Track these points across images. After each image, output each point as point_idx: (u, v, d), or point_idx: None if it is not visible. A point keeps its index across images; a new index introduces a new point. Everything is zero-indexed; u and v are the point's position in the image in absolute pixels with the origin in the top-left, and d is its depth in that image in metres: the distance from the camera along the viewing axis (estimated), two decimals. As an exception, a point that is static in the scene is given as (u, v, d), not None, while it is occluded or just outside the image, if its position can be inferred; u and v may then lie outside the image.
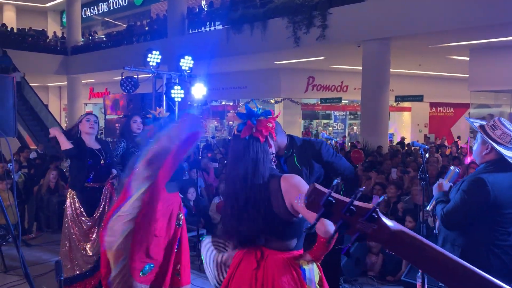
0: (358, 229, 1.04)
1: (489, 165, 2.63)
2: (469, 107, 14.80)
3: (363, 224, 1.03)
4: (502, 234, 2.58)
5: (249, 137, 2.06)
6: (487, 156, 2.64)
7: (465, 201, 2.56)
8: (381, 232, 1.03)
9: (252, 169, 2.03)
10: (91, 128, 4.34)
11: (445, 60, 14.03)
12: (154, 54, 5.94)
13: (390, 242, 1.03)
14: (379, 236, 1.03)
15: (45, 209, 6.94)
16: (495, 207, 2.54)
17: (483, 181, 2.53)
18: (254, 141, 2.06)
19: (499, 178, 2.55)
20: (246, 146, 2.06)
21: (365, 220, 1.03)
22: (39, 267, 5.01)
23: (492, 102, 14.91)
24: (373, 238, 1.04)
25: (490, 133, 2.60)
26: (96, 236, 4.26)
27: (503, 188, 2.54)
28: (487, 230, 2.58)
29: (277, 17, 11.94)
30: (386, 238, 1.02)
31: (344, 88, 17.58)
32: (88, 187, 4.25)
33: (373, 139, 10.82)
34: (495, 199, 2.52)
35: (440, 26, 9.44)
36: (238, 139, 2.09)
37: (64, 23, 23.58)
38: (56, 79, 22.29)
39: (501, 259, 2.56)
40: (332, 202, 1.06)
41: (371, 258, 5.09)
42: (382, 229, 1.02)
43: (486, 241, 2.57)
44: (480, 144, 2.69)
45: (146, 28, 18.14)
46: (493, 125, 2.61)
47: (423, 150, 3.47)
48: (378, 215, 1.03)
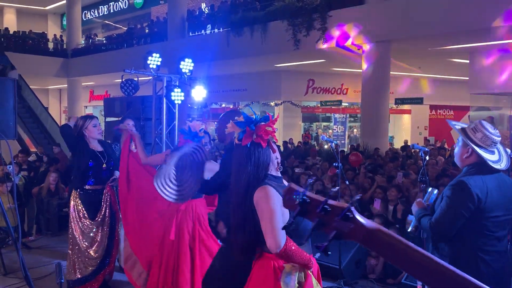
0: (334, 228, 1.06)
1: (470, 168, 2.58)
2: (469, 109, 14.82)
3: (339, 223, 1.05)
4: (490, 239, 2.52)
5: (251, 144, 2.06)
6: (468, 160, 2.61)
7: (451, 205, 2.51)
8: (357, 231, 1.04)
9: (255, 176, 2.04)
10: (99, 134, 4.37)
11: (445, 63, 14.05)
12: (154, 56, 5.94)
13: (367, 240, 1.05)
14: (356, 235, 1.05)
15: (45, 211, 6.93)
16: (480, 211, 2.49)
17: (465, 183, 2.49)
18: (256, 148, 2.06)
19: (479, 181, 2.51)
20: (248, 153, 2.06)
21: (340, 219, 1.05)
22: (39, 270, 5.01)
23: (492, 104, 14.93)
24: (350, 237, 1.05)
25: (471, 136, 2.57)
26: (100, 239, 4.26)
27: (486, 191, 2.49)
28: (475, 237, 2.52)
29: (277, 20, 11.97)
30: (362, 237, 1.04)
31: (344, 90, 17.59)
32: (90, 190, 4.23)
33: (373, 142, 10.83)
34: (480, 202, 2.47)
35: (440, 29, 9.46)
36: (240, 147, 2.09)
37: (65, 26, 23.61)
38: (56, 82, 22.31)
39: (491, 266, 2.50)
40: (307, 201, 1.09)
41: (371, 261, 5.08)
42: (358, 228, 1.04)
43: (474, 248, 2.51)
44: (461, 147, 2.65)
45: (146, 31, 18.16)
46: (474, 128, 2.58)
47: (423, 153, 3.47)
48: (353, 214, 1.05)
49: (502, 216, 2.56)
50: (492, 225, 2.53)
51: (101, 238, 4.25)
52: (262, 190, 2.01)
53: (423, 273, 1.00)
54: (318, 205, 1.08)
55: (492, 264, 2.51)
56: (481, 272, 2.49)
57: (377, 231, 1.04)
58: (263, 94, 17.36)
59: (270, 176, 2.10)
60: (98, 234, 4.25)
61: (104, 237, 4.27)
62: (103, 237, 4.26)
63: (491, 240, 2.53)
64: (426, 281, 1.03)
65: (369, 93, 11.12)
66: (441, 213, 2.54)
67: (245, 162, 2.07)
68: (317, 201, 1.08)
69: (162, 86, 6.14)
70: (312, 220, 1.09)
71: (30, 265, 5.16)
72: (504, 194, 2.57)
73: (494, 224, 2.53)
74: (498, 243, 2.55)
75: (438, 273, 0.98)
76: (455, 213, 2.49)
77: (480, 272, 2.49)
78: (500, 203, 2.54)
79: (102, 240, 4.25)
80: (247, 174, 2.06)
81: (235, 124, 2.12)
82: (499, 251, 2.56)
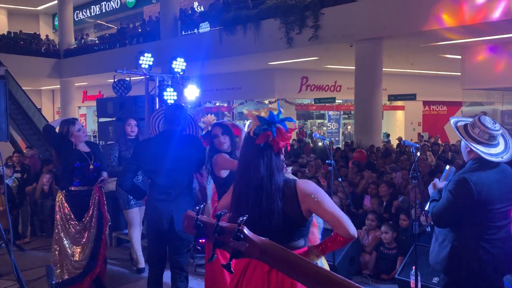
0: (232, 248, 1.10)
1: (475, 162, 2.69)
2: (462, 105, 14.90)
3: (234, 243, 1.09)
4: (491, 228, 2.63)
5: (264, 144, 2.00)
6: (470, 155, 2.73)
7: (451, 200, 2.63)
8: (252, 249, 1.08)
9: (268, 178, 1.99)
10: (85, 136, 4.33)
11: (438, 59, 14.11)
12: (146, 56, 5.93)
13: (263, 257, 1.08)
14: (252, 252, 1.08)
15: (39, 213, 6.91)
16: (481, 204, 2.59)
17: (466, 180, 2.59)
18: (268, 149, 2.01)
19: (483, 176, 2.61)
20: (260, 153, 2.01)
21: (234, 239, 1.09)
22: (33, 272, 4.98)
23: (484, 99, 15.01)
24: (248, 255, 1.09)
25: (471, 132, 2.68)
26: (87, 240, 4.21)
27: (488, 185, 2.60)
28: (476, 226, 2.64)
29: (269, 18, 11.97)
30: (258, 254, 1.08)
31: (337, 88, 17.64)
32: (75, 191, 4.17)
33: (366, 138, 10.87)
34: (480, 197, 2.57)
35: (431, 25, 9.50)
36: (253, 143, 2.02)
37: (56, 26, 23.47)
38: (49, 83, 22.20)
39: (491, 253, 2.61)
40: (200, 225, 1.15)
41: (365, 257, 5.11)
42: (253, 246, 1.08)
43: (475, 236, 2.63)
44: (463, 143, 2.76)
45: (139, 30, 18.10)
46: (473, 124, 2.69)
47: (415, 149, 3.49)
48: (244, 234, 1.09)
49: (503, 207, 2.67)
50: (493, 216, 2.64)
51: (88, 240, 4.20)
52: (307, 184, 2.01)
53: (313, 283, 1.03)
54: (212, 228, 1.13)
55: (492, 250, 2.62)
56: (482, 259, 2.61)
57: (270, 246, 1.08)
58: (257, 92, 17.37)
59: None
60: (84, 235, 4.21)
61: (91, 238, 4.21)
62: (90, 238, 4.21)
63: (491, 229, 2.64)
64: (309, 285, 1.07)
65: (362, 90, 11.16)
66: (441, 205, 2.68)
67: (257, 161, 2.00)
68: (211, 225, 1.13)
69: (154, 86, 6.13)
70: (210, 241, 1.13)
71: (24, 267, 5.15)
72: (505, 186, 2.69)
73: (495, 215, 2.65)
74: (499, 231, 2.67)
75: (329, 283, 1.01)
76: (455, 208, 2.63)
77: (482, 259, 2.61)
78: (501, 195, 2.65)
79: (88, 242, 4.20)
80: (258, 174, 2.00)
81: (257, 118, 2.02)
82: (499, 238, 2.66)
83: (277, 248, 1.08)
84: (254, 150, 2.02)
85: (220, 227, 1.12)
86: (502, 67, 11.55)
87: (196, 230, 1.17)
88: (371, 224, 5.23)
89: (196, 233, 1.17)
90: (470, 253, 2.62)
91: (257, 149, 2.01)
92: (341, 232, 1.98)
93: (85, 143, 4.30)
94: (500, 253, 2.64)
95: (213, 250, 1.15)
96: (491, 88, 13.11)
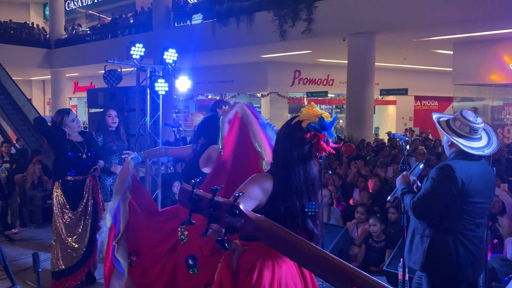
0: (226, 223, 1.09)
1: (456, 155, 2.72)
2: (452, 100, 14.99)
3: (230, 219, 1.08)
4: (470, 224, 2.64)
5: (309, 141, 1.98)
6: (451, 148, 2.76)
7: (435, 187, 2.62)
8: (248, 225, 1.08)
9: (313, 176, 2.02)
10: (78, 127, 4.34)
11: (429, 54, 14.17)
12: (137, 47, 5.88)
13: (258, 233, 1.08)
14: (247, 228, 1.08)
15: (29, 204, 6.87)
16: (463, 195, 2.60)
17: (451, 167, 2.60)
18: (307, 145, 1.99)
19: (465, 166, 2.63)
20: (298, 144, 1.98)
21: (229, 215, 1.07)
22: (22, 262, 4.97)
23: (475, 95, 15.11)
24: (243, 230, 1.09)
25: (452, 125, 2.70)
26: (82, 230, 4.25)
27: (471, 175, 2.61)
28: (455, 220, 2.63)
29: (263, 11, 11.91)
30: (253, 230, 1.07)
31: (330, 81, 17.65)
32: (70, 180, 4.22)
33: (358, 133, 10.91)
34: (463, 185, 2.58)
35: (424, 20, 9.53)
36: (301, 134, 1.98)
37: (47, 16, 23.19)
38: (39, 73, 21.95)
39: (469, 250, 2.62)
40: (196, 199, 1.13)
41: (354, 249, 5.16)
42: (248, 222, 1.07)
43: (454, 231, 2.62)
44: (445, 136, 2.78)
45: (131, 21, 17.93)
46: (454, 117, 2.73)
47: (404, 142, 3.51)
48: (239, 210, 1.07)
49: (482, 203, 2.67)
50: (472, 211, 2.63)
51: (84, 229, 4.25)
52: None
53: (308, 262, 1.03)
54: (207, 202, 1.11)
55: (470, 247, 2.62)
56: (460, 254, 2.61)
57: (265, 223, 1.07)
58: (250, 85, 17.33)
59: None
60: (80, 224, 4.25)
61: (87, 227, 4.26)
62: (86, 227, 4.26)
63: (470, 225, 2.64)
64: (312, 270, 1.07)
65: (354, 84, 11.18)
66: (424, 193, 2.66)
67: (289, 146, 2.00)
68: (206, 199, 1.11)
69: (145, 77, 6.09)
70: (205, 216, 1.12)
71: (13, 257, 5.13)
72: (486, 182, 2.70)
73: (473, 209, 2.64)
74: (477, 229, 2.67)
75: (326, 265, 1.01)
76: (438, 195, 2.61)
77: (459, 254, 2.60)
78: (482, 190, 2.66)
79: (84, 231, 4.25)
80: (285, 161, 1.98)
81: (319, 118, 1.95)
82: (477, 236, 2.67)
83: (273, 225, 1.07)
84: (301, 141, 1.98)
85: (216, 202, 1.10)
86: (493, 62, 11.63)
87: (191, 204, 1.14)
88: (360, 217, 5.27)
89: (191, 207, 1.15)
90: (448, 247, 2.61)
91: (304, 142, 1.97)
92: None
93: (78, 133, 4.32)
94: (476, 252, 2.65)
95: (208, 225, 1.12)
96: (481, 84, 13.19)
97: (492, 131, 2.77)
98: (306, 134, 1.95)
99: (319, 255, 1.00)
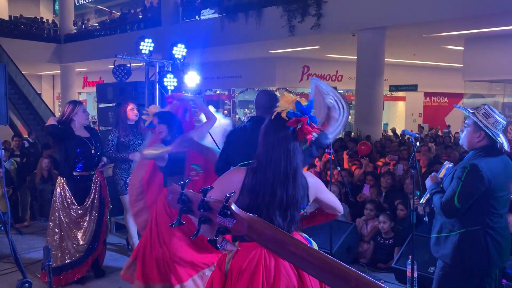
0: (218, 224, 1.07)
1: (479, 151, 2.72)
2: (463, 96, 14.86)
3: (221, 219, 1.06)
4: (496, 216, 2.70)
5: (293, 129, 1.97)
6: (479, 143, 2.73)
7: (462, 187, 2.64)
8: (240, 225, 1.06)
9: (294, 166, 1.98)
10: (87, 119, 4.38)
11: (440, 50, 14.04)
12: (146, 42, 5.89)
13: (250, 234, 1.06)
14: (239, 229, 1.06)
15: (39, 197, 6.94)
16: (490, 191, 2.65)
17: (477, 166, 2.63)
18: (294, 135, 1.98)
19: (490, 163, 2.66)
20: (288, 137, 1.97)
21: (220, 216, 1.06)
22: (32, 255, 5.02)
23: (486, 92, 14.98)
24: (234, 231, 1.07)
25: (484, 121, 2.68)
26: (88, 224, 4.28)
27: (495, 172, 2.65)
28: (483, 214, 2.68)
29: (271, 6, 11.86)
30: (246, 231, 1.06)
31: (339, 77, 17.56)
32: (77, 176, 4.25)
33: (366, 129, 10.85)
34: (490, 183, 2.62)
35: (435, 15, 9.42)
36: (282, 125, 1.96)
37: (57, 11, 23.30)
38: (49, 68, 22.10)
39: (497, 240, 2.68)
40: (185, 200, 1.11)
41: (362, 246, 5.14)
42: (240, 223, 1.06)
43: (482, 225, 2.68)
44: (471, 131, 2.76)
45: (140, 16, 17.96)
46: (485, 113, 2.70)
47: (414, 139, 3.49)
48: (231, 210, 1.05)
49: (505, 195, 2.75)
50: (497, 204, 2.70)
51: (89, 224, 4.28)
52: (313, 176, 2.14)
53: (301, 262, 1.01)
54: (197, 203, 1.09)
55: (498, 238, 2.69)
56: (489, 246, 2.67)
57: (258, 223, 1.06)
58: (258, 80, 17.29)
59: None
60: (85, 219, 4.28)
61: (92, 222, 4.29)
62: (91, 222, 4.29)
63: (496, 217, 2.70)
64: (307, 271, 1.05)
65: (363, 80, 11.11)
66: (452, 194, 2.68)
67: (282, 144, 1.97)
68: (196, 200, 1.09)
69: (154, 72, 6.10)
70: (196, 216, 1.10)
71: (23, 250, 5.19)
72: (508, 175, 2.74)
73: (499, 202, 2.71)
74: (501, 219, 2.74)
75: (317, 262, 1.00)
76: (466, 195, 2.64)
77: (489, 246, 2.67)
78: (505, 183, 2.72)
79: (89, 226, 4.28)
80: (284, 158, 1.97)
81: (295, 104, 1.96)
82: (502, 226, 2.74)
83: (266, 225, 1.06)
84: (281, 133, 1.96)
85: (206, 203, 1.09)
86: (504, 59, 11.49)
87: (181, 204, 1.12)
88: (370, 213, 5.24)
89: (181, 208, 1.13)
90: (478, 241, 2.66)
91: (284, 133, 1.96)
92: (336, 212, 2.24)
93: (84, 128, 4.34)
94: (503, 241, 2.71)
95: (199, 226, 1.11)
96: (492, 80, 13.06)
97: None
98: (288, 123, 1.95)
99: (313, 255, 0.99)
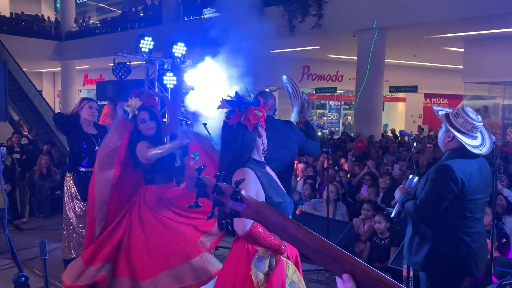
0: (230, 208, 1.16)
1: (452, 152, 2.67)
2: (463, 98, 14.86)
3: (233, 203, 1.15)
4: (471, 220, 2.63)
5: (237, 125, 2.06)
6: (449, 144, 2.69)
7: (436, 188, 2.59)
8: (249, 209, 1.14)
9: (238, 157, 2.06)
10: (92, 115, 4.41)
11: (440, 51, 14.04)
12: (146, 40, 5.91)
13: (258, 218, 1.15)
14: (248, 213, 1.15)
15: (38, 194, 6.95)
16: (463, 193, 2.58)
17: (449, 167, 2.57)
18: (242, 129, 2.06)
19: (463, 165, 2.59)
20: (235, 134, 2.06)
21: (232, 200, 1.14)
22: (30, 251, 5.03)
23: (486, 93, 14.97)
24: (244, 215, 1.16)
25: (453, 121, 2.64)
26: None
27: (469, 174, 2.59)
28: (457, 218, 2.61)
29: (272, 5, 11.86)
30: (254, 215, 1.15)
31: (339, 78, 17.57)
32: (83, 171, 4.33)
33: (366, 129, 10.86)
34: (463, 185, 2.56)
35: (435, 16, 9.43)
36: (227, 126, 2.10)
37: (58, 8, 23.29)
38: (50, 65, 22.10)
39: (471, 247, 2.60)
40: (201, 184, 1.22)
41: (360, 246, 5.15)
42: (249, 207, 1.14)
43: (455, 229, 2.60)
44: (444, 132, 2.74)
45: (141, 15, 17.97)
46: (456, 113, 2.66)
47: (411, 139, 3.50)
48: (241, 195, 1.14)
49: (482, 198, 2.68)
50: (473, 208, 2.63)
51: None
52: (240, 172, 2.03)
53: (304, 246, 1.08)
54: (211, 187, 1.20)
55: (472, 244, 2.61)
56: (461, 252, 2.59)
57: (264, 207, 1.15)
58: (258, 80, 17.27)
59: (252, 160, 2.12)
60: None
61: None
62: None
63: (471, 221, 2.63)
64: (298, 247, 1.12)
65: (363, 80, 11.11)
66: (426, 195, 2.62)
67: (230, 142, 2.09)
68: (210, 184, 1.20)
69: (154, 70, 6.12)
70: (211, 200, 1.20)
71: (21, 246, 5.20)
72: (484, 178, 2.68)
73: (475, 206, 2.64)
74: (477, 224, 2.67)
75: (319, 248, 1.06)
76: (440, 196, 2.58)
77: (460, 253, 2.59)
78: (480, 187, 2.64)
79: None
80: (231, 154, 2.08)
81: (226, 102, 2.11)
82: (478, 232, 2.66)
83: (271, 210, 1.13)
84: (229, 133, 2.10)
85: (219, 187, 1.17)
86: (504, 61, 11.49)
87: (198, 188, 1.22)
88: (367, 213, 5.26)
89: (197, 191, 1.22)
90: (451, 247, 2.59)
91: (231, 132, 2.09)
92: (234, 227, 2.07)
93: (93, 125, 4.43)
94: (478, 247, 2.64)
95: (213, 208, 1.20)
96: (492, 82, 13.06)
97: (484, 129, 2.73)
98: (230, 123, 2.08)
99: (313, 238, 1.07)
